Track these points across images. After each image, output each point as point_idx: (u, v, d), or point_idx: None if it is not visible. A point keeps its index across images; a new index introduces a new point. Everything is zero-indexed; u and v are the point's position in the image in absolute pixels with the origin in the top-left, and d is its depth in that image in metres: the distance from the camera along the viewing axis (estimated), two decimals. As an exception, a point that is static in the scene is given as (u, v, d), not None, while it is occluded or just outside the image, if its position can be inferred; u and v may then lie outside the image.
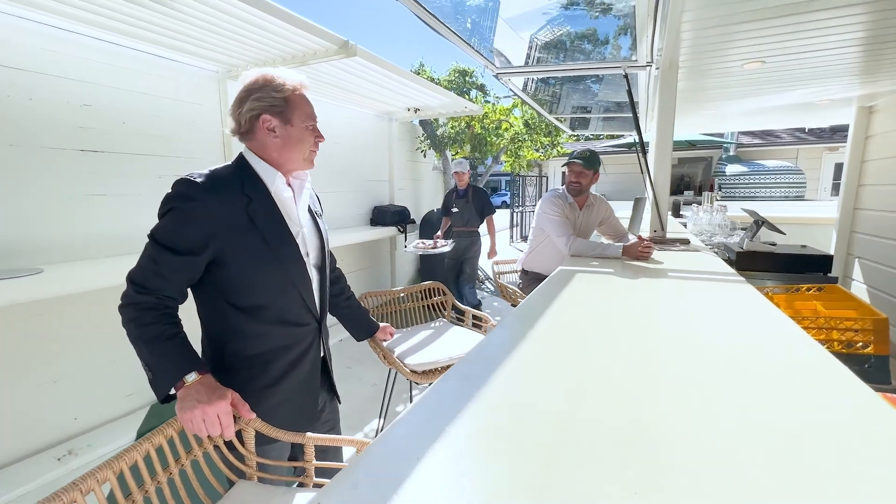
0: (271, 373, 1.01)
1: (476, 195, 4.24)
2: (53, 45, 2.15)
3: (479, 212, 4.22)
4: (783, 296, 1.76)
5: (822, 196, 9.60)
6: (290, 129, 1.02)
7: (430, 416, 0.62)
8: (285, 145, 1.02)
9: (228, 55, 2.66)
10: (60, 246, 2.21)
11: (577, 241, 2.17)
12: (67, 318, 2.23)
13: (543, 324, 1.03)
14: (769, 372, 0.76)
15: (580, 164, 2.34)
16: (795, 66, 2.63)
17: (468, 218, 4.23)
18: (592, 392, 0.68)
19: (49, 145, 2.15)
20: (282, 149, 1.02)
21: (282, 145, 1.02)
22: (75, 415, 2.28)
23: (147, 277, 0.90)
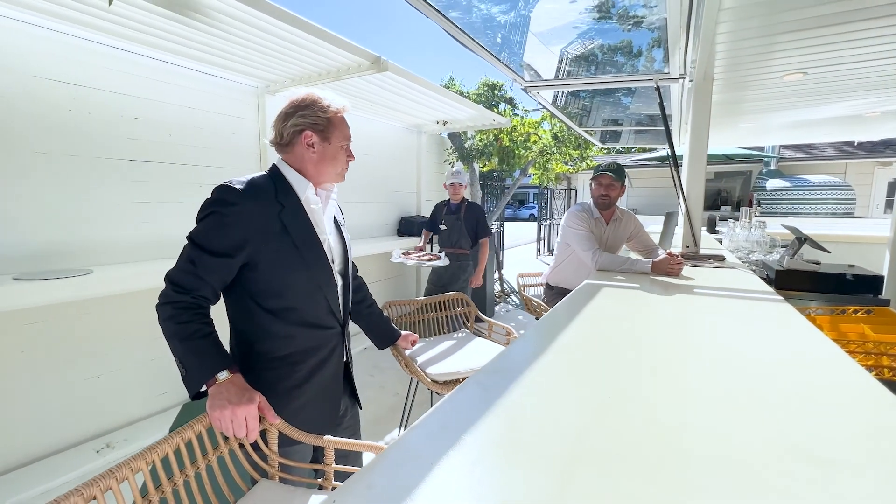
0: (297, 374, 1.04)
1: (469, 211, 3.58)
2: (110, 63, 2.33)
3: (471, 231, 3.54)
4: (827, 318, 1.66)
5: (875, 213, 9.02)
6: (328, 147, 1.10)
7: (446, 423, 0.62)
8: (321, 160, 1.11)
9: (267, 71, 2.80)
10: (108, 249, 2.35)
11: (604, 255, 2.13)
12: (112, 317, 2.36)
13: (566, 337, 1.02)
14: (807, 396, 0.72)
15: (611, 176, 2.30)
16: (839, 77, 2.52)
17: (457, 238, 3.57)
18: (615, 408, 0.66)
19: (102, 155, 2.32)
20: (317, 163, 1.10)
21: (318, 160, 1.10)
22: (114, 409, 2.40)
23: (185, 278, 0.95)
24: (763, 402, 0.69)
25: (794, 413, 0.66)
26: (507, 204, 6.47)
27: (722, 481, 0.50)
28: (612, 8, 2.24)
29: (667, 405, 0.68)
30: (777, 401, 0.70)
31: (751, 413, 0.66)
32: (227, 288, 1.02)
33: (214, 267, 0.96)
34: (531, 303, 2.56)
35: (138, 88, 2.46)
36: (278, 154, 1.13)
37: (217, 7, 1.91)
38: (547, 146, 6.02)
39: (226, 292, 1.04)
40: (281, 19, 2.02)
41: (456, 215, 3.58)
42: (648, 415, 0.65)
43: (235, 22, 2.05)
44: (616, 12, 2.26)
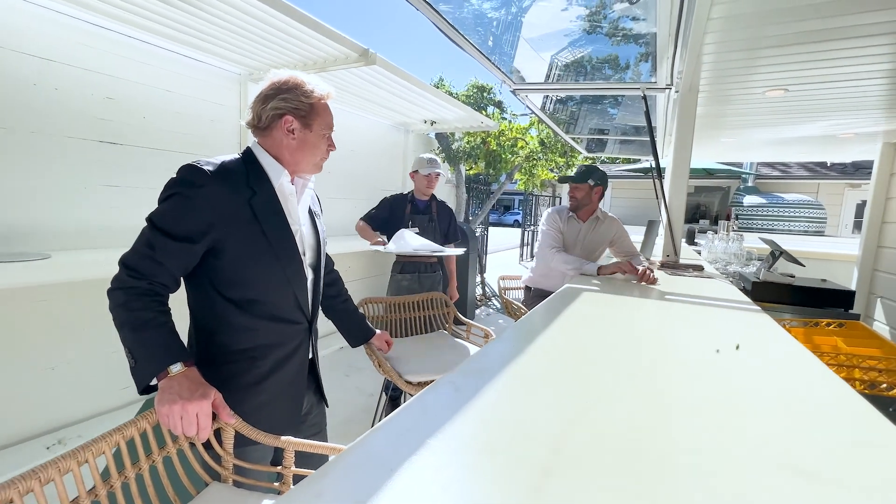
0: (258, 370, 0.98)
1: (443, 211, 2.87)
2: (82, 38, 2.21)
3: (442, 235, 2.81)
4: (801, 329, 1.68)
5: (843, 233, 9.37)
6: (309, 135, 1.04)
7: (413, 424, 0.57)
8: (300, 148, 1.04)
9: (251, 58, 2.71)
10: (70, 233, 2.23)
11: (560, 254, 2.27)
12: (71, 306, 2.23)
13: (544, 340, 0.98)
14: (788, 406, 0.70)
15: (571, 178, 2.48)
16: (819, 96, 2.58)
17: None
18: (592, 414, 0.63)
19: (69, 134, 2.20)
20: (296, 150, 1.04)
21: (297, 147, 1.04)
22: (69, 404, 2.26)
23: (141, 262, 0.88)
24: (744, 412, 0.67)
25: (777, 423, 0.63)
26: (491, 209, 6.47)
27: (706, 494, 0.46)
28: (602, 20, 2.25)
29: (646, 412, 0.65)
30: (758, 410, 0.68)
31: (732, 422, 0.63)
32: (188, 274, 0.95)
33: (175, 252, 0.89)
34: (511, 305, 2.53)
35: (112, 67, 2.35)
36: (254, 137, 1.06)
37: (198, -15, 1.83)
38: (534, 152, 6.05)
39: (187, 279, 0.97)
40: (268, 3, 1.95)
41: (427, 215, 2.78)
42: (627, 421, 0.61)
43: (219, 3, 1.96)
44: (607, 21, 2.27)
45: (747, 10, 1.64)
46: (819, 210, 7.72)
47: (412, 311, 2.01)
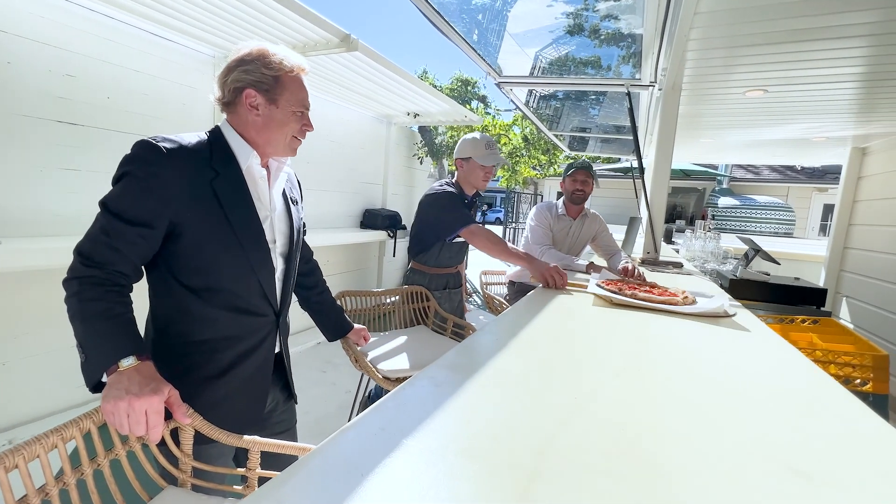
0: (216, 363, 0.92)
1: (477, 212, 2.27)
2: (38, 10, 2.05)
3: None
4: (777, 326, 1.70)
5: (810, 235, 9.74)
6: (274, 111, 0.94)
7: (387, 423, 0.52)
8: (266, 126, 0.95)
9: (226, 39, 2.59)
10: (24, 219, 2.07)
11: (549, 251, 2.22)
12: (26, 297, 2.08)
13: (527, 334, 0.94)
14: (778, 403, 0.68)
15: (588, 172, 2.37)
16: (796, 98, 2.63)
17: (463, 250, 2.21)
18: (580, 412, 0.59)
19: (24, 112, 2.04)
20: (261, 129, 0.95)
21: (262, 125, 0.95)
22: (22, 402, 2.11)
23: (96, 249, 0.80)
24: (734, 409, 0.64)
25: (768, 421, 0.61)
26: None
27: (699, 494, 0.43)
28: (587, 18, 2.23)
29: (634, 410, 0.61)
30: (748, 407, 0.65)
31: (722, 419, 0.60)
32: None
33: (132, 238, 0.81)
34: (493, 301, 2.50)
35: (73, 42, 2.19)
36: (223, 114, 0.98)
37: (166, -45, 1.71)
38: (517, 148, 6.04)
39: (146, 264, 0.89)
40: (242, -21, 1.85)
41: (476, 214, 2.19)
42: (616, 420, 0.58)
43: (189, -24, 1.85)
44: (593, 18, 2.25)
45: (732, 5, 1.64)
46: (789, 212, 7.99)
47: (392, 305, 1.95)
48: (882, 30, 1.74)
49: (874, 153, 3.75)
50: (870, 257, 3.49)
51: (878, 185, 3.59)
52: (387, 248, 4.91)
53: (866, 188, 3.78)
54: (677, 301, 1.32)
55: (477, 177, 2.04)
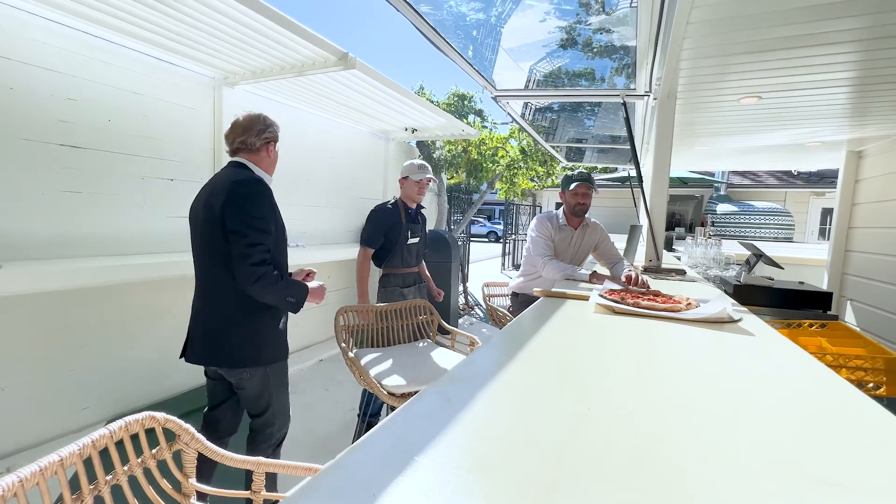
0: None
1: (423, 217, 2.80)
2: (40, 36, 2.09)
3: (425, 242, 2.79)
4: (785, 331, 1.68)
5: (809, 239, 9.75)
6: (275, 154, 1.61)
7: (397, 440, 0.51)
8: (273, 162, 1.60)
9: (226, 60, 2.62)
10: (27, 242, 2.07)
11: (552, 262, 2.20)
12: (27, 321, 2.07)
13: (534, 345, 0.93)
14: (794, 410, 0.66)
15: (589, 184, 2.36)
16: (790, 104, 2.66)
17: (421, 255, 2.71)
18: (592, 421, 0.58)
19: (26, 137, 2.06)
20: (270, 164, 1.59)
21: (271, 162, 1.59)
22: (21, 428, 2.08)
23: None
24: (749, 416, 0.63)
25: (786, 428, 0.59)
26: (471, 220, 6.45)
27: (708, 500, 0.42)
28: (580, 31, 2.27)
29: (648, 419, 0.60)
30: (763, 413, 0.64)
31: (739, 427, 0.59)
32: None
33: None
34: (496, 313, 2.48)
35: (75, 67, 2.22)
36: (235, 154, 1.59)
37: (167, -19, 1.75)
38: (515, 160, 6.08)
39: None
40: (243, 3, 1.88)
41: (419, 224, 2.67)
42: (629, 430, 0.56)
43: (193, 2, 1.88)
44: (586, 31, 2.29)
45: (724, 14, 1.67)
46: (787, 217, 8.01)
47: (394, 319, 1.93)
48: (869, 35, 1.77)
49: (870, 156, 3.78)
50: (873, 260, 3.48)
51: (876, 187, 3.61)
52: (387, 263, 4.89)
53: (864, 191, 3.80)
54: (680, 308, 1.30)
55: (413, 190, 2.62)
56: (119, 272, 2.16)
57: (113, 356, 2.42)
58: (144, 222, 2.56)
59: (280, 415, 1.54)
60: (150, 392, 2.61)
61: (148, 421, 0.72)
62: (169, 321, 2.67)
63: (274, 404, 1.52)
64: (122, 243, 2.45)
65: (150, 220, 2.59)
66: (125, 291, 2.44)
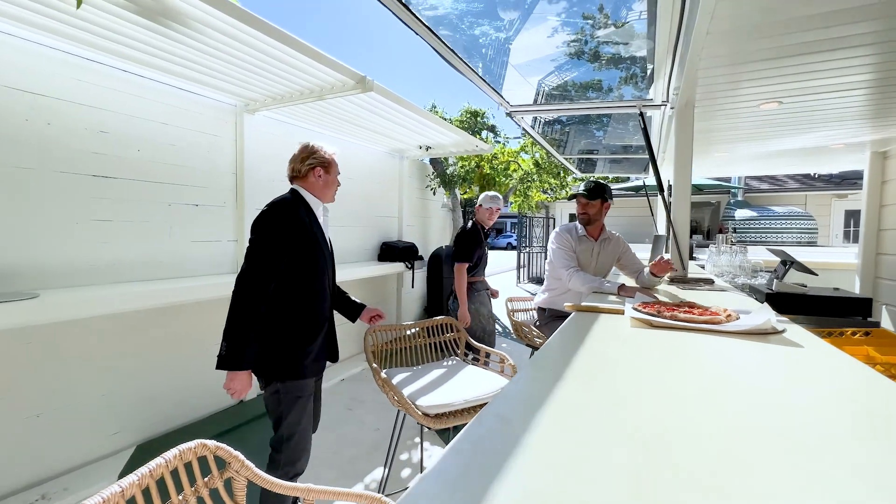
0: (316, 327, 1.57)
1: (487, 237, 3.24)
2: (74, 73, 2.19)
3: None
4: (828, 340, 1.62)
5: (834, 242, 9.49)
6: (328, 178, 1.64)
7: (465, 469, 0.50)
8: (325, 185, 1.64)
9: (248, 88, 2.70)
10: (60, 271, 2.13)
11: (578, 274, 2.19)
12: (60, 347, 2.12)
13: (579, 364, 0.91)
14: (861, 420, 0.63)
15: (584, 195, 2.39)
16: (811, 107, 2.63)
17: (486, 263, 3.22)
18: (663, 444, 0.56)
19: (62, 169, 2.14)
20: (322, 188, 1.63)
21: (322, 185, 1.63)
22: (55, 454, 2.10)
23: None
24: (823, 436, 0.60)
25: (868, 449, 0.57)
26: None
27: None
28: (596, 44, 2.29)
29: (720, 442, 0.58)
30: (838, 433, 0.61)
31: (820, 450, 0.56)
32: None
33: None
34: (521, 328, 2.45)
35: (105, 100, 2.32)
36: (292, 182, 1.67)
37: (196, 17, 1.82)
38: (528, 174, 6.09)
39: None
40: (264, 32, 1.95)
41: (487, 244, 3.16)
42: (708, 456, 0.54)
43: (215, 33, 1.96)
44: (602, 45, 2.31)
45: (742, 24, 1.67)
46: (810, 221, 7.83)
47: (422, 337, 1.92)
48: (886, 38, 1.75)
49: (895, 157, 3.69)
50: (906, 262, 3.36)
51: (904, 188, 3.51)
52: (405, 280, 4.91)
53: (892, 192, 3.70)
54: (720, 320, 1.27)
55: (485, 216, 3.05)
56: (148, 297, 2.21)
57: (140, 380, 2.45)
58: (171, 247, 2.62)
59: (291, 443, 1.44)
60: (175, 416, 2.63)
61: (200, 449, 0.72)
62: (192, 344, 2.71)
63: (284, 427, 1.45)
64: (149, 269, 2.51)
65: (177, 245, 2.65)
66: (150, 317, 2.49)
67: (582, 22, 2.16)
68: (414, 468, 2.34)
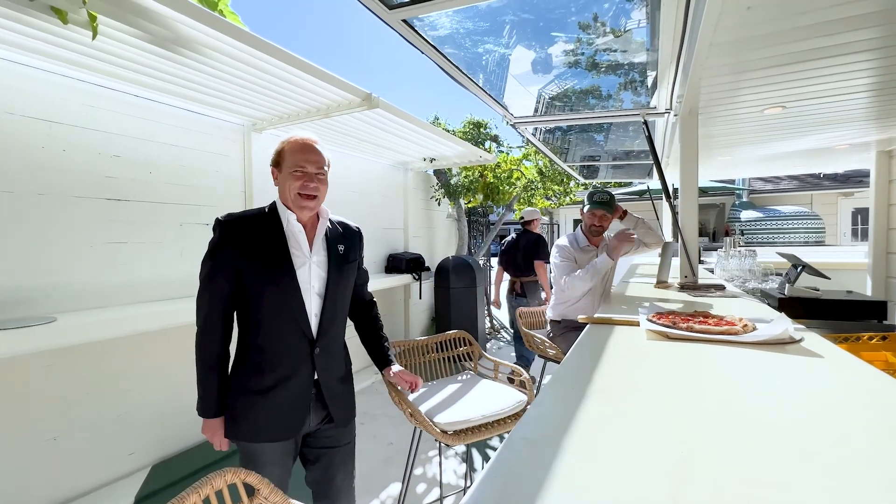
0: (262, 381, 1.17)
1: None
2: (87, 99, 2.24)
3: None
4: (845, 345, 1.61)
5: (843, 241, 9.41)
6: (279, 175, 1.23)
7: (499, 497, 0.50)
8: (280, 189, 1.23)
9: (254, 108, 2.75)
10: (76, 294, 2.16)
11: (570, 278, 2.26)
12: (77, 370, 2.14)
13: (600, 381, 0.92)
14: (889, 433, 0.63)
15: (606, 210, 2.38)
16: (815, 110, 2.63)
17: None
18: (694, 465, 0.56)
19: (77, 194, 2.18)
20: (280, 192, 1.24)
21: (279, 190, 1.24)
22: (72, 476, 2.11)
23: None
24: (853, 448, 0.60)
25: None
26: (492, 240, 6.46)
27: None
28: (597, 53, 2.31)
29: (750, 462, 0.58)
30: (867, 447, 0.61)
31: (849, 465, 0.56)
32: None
33: None
34: (533, 340, 2.45)
35: (118, 125, 2.36)
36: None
37: (206, 43, 1.86)
38: (532, 181, 6.11)
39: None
40: (271, 55, 1.98)
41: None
42: (738, 471, 0.55)
43: (223, 57, 2.00)
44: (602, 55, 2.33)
45: (746, 34, 1.68)
46: (816, 220, 7.78)
47: (434, 352, 1.93)
48: (886, 43, 1.77)
49: (902, 155, 3.67)
50: (918, 262, 3.33)
51: (912, 187, 3.49)
52: (412, 291, 4.92)
53: (900, 191, 3.68)
54: (737, 331, 1.27)
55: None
56: (162, 317, 2.22)
57: (154, 400, 2.47)
58: (182, 268, 2.65)
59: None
60: (189, 435, 2.64)
61: (230, 476, 0.73)
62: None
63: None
64: (163, 289, 2.53)
65: (188, 265, 2.68)
66: (163, 337, 2.50)
67: (583, 26, 2.18)
68: (430, 483, 2.32)
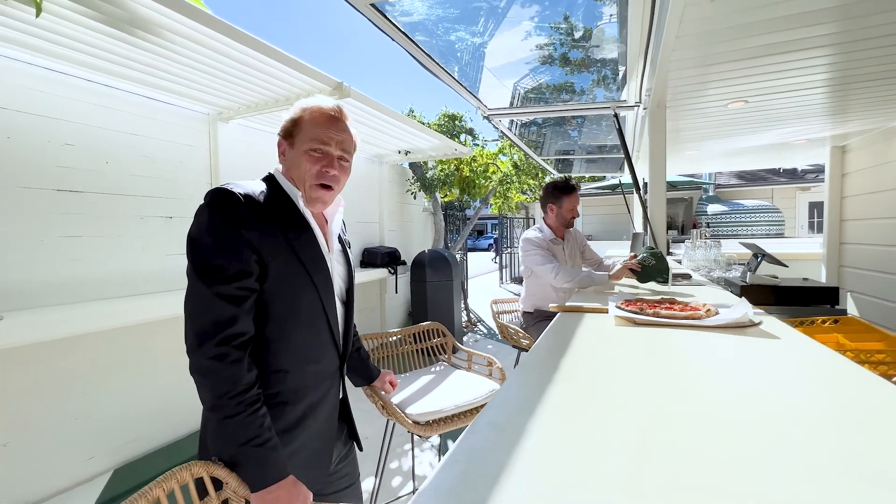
0: (287, 418, 0.86)
1: None
2: (36, 84, 2.10)
3: None
4: (801, 329, 1.69)
5: (800, 233, 9.91)
6: (290, 153, 0.94)
7: (463, 480, 0.49)
8: (289, 169, 0.95)
9: (220, 96, 2.64)
10: (28, 290, 2.03)
11: (563, 270, 2.21)
12: (28, 371, 2.01)
13: (568, 365, 0.92)
14: (851, 416, 0.66)
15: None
16: (775, 105, 2.74)
17: None
18: (657, 445, 0.57)
19: (24, 185, 2.04)
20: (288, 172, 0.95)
21: (286, 169, 0.95)
22: (25, 483, 2.00)
23: None
24: (801, 421, 0.62)
25: (843, 431, 0.59)
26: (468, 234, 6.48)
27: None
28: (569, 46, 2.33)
29: (708, 436, 0.59)
30: (815, 419, 0.63)
31: (799, 437, 0.58)
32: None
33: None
34: (507, 330, 2.47)
35: (70, 112, 2.22)
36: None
37: (164, 24, 1.77)
38: (507, 175, 6.14)
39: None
40: (234, 39, 1.90)
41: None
42: (700, 450, 0.56)
43: (184, 41, 1.91)
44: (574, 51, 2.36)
45: (710, 27, 1.73)
46: (777, 213, 8.15)
47: (408, 344, 1.91)
48: (843, 39, 1.85)
49: (854, 150, 3.88)
50: (868, 251, 3.54)
51: (863, 180, 3.70)
52: (388, 286, 4.88)
53: (852, 184, 3.89)
54: (700, 315, 1.31)
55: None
56: (118, 316, 2.13)
57: (116, 401, 2.36)
58: (144, 263, 2.53)
59: None
60: (154, 436, 2.54)
61: (197, 469, 0.69)
62: (169, 360, 2.62)
63: None
64: (122, 285, 2.42)
65: (150, 260, 2.56)
66: (124, 335, 2.39)
67: (554, 26, 2.19)
68: (405, 476, 2.31)
